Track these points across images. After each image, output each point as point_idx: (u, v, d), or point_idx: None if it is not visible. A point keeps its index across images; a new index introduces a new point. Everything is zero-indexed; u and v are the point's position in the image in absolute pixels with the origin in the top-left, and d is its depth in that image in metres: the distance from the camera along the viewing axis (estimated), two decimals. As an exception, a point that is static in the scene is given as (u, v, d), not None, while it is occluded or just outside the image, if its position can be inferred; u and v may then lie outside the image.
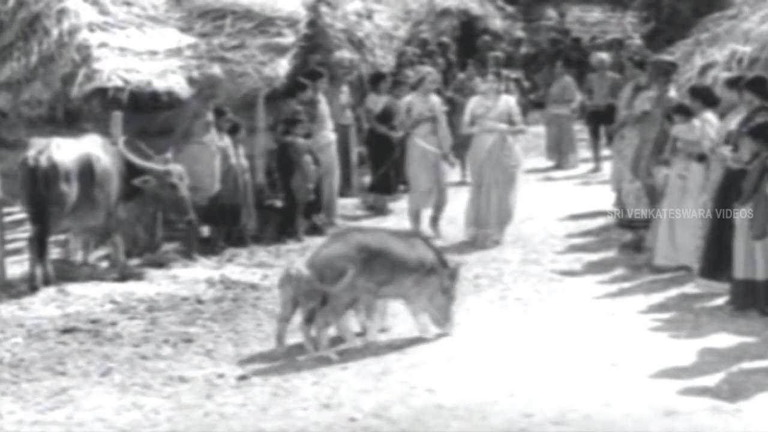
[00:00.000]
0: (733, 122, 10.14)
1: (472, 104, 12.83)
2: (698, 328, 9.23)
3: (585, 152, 18.27)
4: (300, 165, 12.83)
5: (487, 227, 12.60)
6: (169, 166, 11.03)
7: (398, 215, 14.03)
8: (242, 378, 8.10)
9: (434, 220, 13.17)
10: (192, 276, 11.08)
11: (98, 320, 9.57)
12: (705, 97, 10.87)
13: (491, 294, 10.48)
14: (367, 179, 15.23)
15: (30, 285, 10.44)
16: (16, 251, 11.50)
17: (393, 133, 14.15)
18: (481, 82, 13.32)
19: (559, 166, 18.08)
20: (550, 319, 9.55)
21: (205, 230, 12.44)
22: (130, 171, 10.94)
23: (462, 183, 16.37)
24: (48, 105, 11.80)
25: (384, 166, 14.56)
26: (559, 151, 18.25)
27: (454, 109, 15.34)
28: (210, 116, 11.84)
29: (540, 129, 19.58)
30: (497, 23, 25.21)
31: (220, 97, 12.18)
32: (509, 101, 12.89)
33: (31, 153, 10.42)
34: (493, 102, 12.67)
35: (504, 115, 12.64)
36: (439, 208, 13.20)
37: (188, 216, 11.21)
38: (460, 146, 14.10)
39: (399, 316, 9.53)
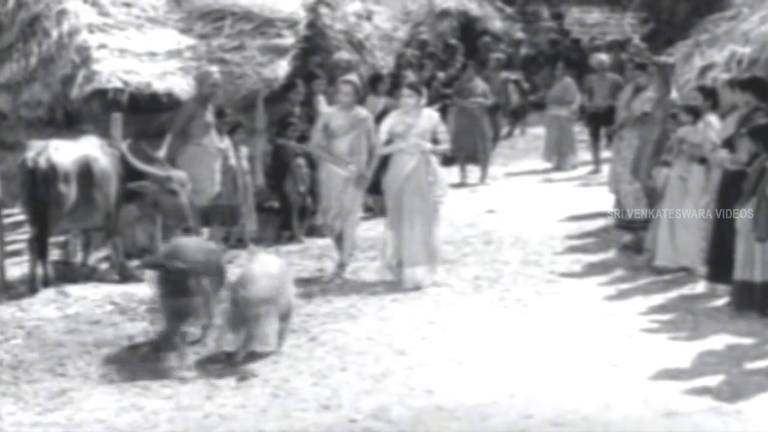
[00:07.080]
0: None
1: (390, 121, 10.94)
2: (698, 329, 9.23)
3: (585, 154, 18.27)
4: (291, 168, 12.81)
5: (412, 265, 10.72)
6: (170, 171, 10.93)
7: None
8: (242, 379, 8.10)
9: (340, 266, 11.22)
10: (191, 277, 11.06)
11: (98, 321, 9.58)
12: (712, 96, 10.87)
13: (491, 295, 10.47)
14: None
15: (30, 286, 10.45)
16: (16, 253, 11.51)
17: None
18: (400, 95, 11.39)
19: (558, 168, 18.07)
20: (550, 320, 9.55)
21: (205, 232, 12.43)
22: (130, 173, 10.92)
23: (461, 184, 16.38)
24: (47, 106, 11.79)
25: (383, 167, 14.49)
26: (559, 153, 18.23)
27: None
28: (209, 117, 11.82)
29: (540, 130, 19.59)
30: (497, 24, 25.20)
31: (218, 98, 12.16)
32: (432, 116, 11.06)
33: (30, 154, 10.41)
34: (414, 118, 10.84)
35: (427, 133, 10.90)
36: (345, 244, 11.27)
37: (187, 223, 10.97)
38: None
39: (396, 317, 9.56)
